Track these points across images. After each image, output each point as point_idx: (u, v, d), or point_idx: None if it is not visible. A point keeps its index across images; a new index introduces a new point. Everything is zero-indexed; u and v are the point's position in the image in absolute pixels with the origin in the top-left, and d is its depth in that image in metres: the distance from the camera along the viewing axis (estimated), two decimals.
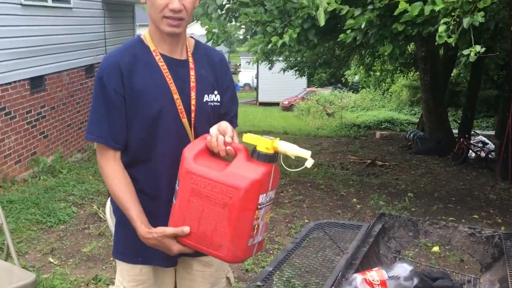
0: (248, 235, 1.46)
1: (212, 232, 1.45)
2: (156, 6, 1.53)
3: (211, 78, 1.70)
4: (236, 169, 1.43)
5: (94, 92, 1.60)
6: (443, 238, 2.10)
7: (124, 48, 1.64)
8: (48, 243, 4.27)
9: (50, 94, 7.16)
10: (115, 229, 1.76)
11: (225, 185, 1.42)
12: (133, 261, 1.69)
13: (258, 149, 1.45)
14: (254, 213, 1.44)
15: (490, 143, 11.60)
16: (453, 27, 3.83)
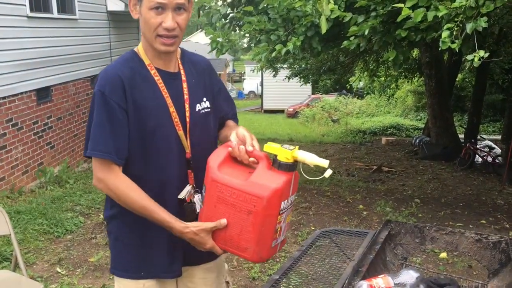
0: (271, 238, 1.55)
1: (239, 236, 1.54)
2: (150, 25, 1.52)
3: (201, 85, 1.72)
4: (258, 178, 1.50)
5: (96, 107, 1.54)
6: (450, 244, 2.09)
7: (121, 61, 1.61)
8: (56, 253, 4.29)
9: (56, 104, 7.22)
10: (112, 246, 1.72)
11: (249, 194, 1.49)
12: (136, 276, 1.67)
13: (278, 159, 1.52)
14: (277, 218, 1.53)
15: (496, 148, 11.55)
16: (456, 32, 3.84)
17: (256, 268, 4.04)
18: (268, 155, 1.55)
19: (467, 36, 3.88)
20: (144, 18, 1.52)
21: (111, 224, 1.70)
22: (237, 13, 6.21)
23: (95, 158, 1.57)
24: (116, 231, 1.68)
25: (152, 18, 1.51)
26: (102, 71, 1.59)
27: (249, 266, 4.11)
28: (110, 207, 1.69)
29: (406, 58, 5.40)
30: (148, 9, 1.50)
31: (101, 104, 1.53)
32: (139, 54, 1.63)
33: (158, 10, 1.50)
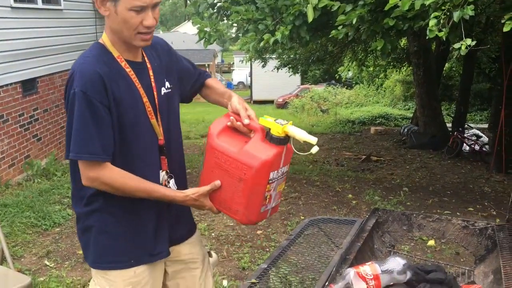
0: (260, 204, 1.68)
1: (230, 199, 1.68)
2: (130, 24, 1.52)
3: (163, 67, 1.74)
4: (251, 148, 1.62)
5: (77, 108, 1.50)
6: (437, 231, 2.11)
7: (93, 56, 1.57)
8: (44, 246, 4.25)
9: (42, 96, 7.14)
10: (94, 241, 1.68)
11: (241, 162, 1.61)
12: (126, 265, 1.67)
13: (271, 133, 1.62)
14: (265, 187, 1.65)
15: (484, 136, 11.64)
16: (443, 21, 3.84)
17: (246, 258, 4.05)
18: (263, 128, 1.66)
19: (454, 24, 3.88)
20: (122, 17, 1.51)
21: (92, 218, 1.66)
22: (224, 3, 6.16)
23: (82, 161, 1.55)
24: (101, 224, 1.65)
25: (132, 18, 1.51)
26: (77, 69, 1.53)
27: (238, 256, 4.12)
28: (88, 203, 1.66)
29: (394, 47, 5.39)
30: (127, 10, 1.49)
31: (84, 105, 1.50)
32: (107, 47, 1.60)
33: (138, 10, 1.50)
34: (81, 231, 1.72)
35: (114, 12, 1.51)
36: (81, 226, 1.71)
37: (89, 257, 1.71)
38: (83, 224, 1.70)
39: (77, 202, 1.69)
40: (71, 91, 1.52)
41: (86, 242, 1.70)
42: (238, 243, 4.42)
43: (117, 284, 1.68)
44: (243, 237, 4.58)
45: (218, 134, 1.69)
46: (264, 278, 1.83)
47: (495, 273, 1.80)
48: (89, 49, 1.62)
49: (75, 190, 1.69)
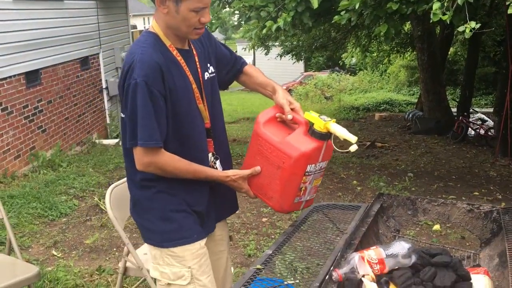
0: (294, 194, 1.77)
1: (267, 185, 1.78)
2: (191, 23, 1.61)
3: (206, 53, 1.82)
4: (293, 140, 1.71)
5: (140, 98, 1.57)
6: (442, 216, 2.10)
7: (149, 46, 1.64)
8: (51, 236, 4.29)
9: (46, 88, 7.14)
10: (160, 221, 1.76)
11: (281, 151, 1.70)
12: (192, 240, 1.76)
13: (314, 127, 1.71)
14: (302, 178, 1.73)
15: (489, 120, 11.59)
16: (447, 4, 3.81)
17: (252, 245, 4.07)
18: (307, 122, 1.74)
19: (458, 7, 3.85)
20: (183, 17, 1.59)
21: (154, 201, 1.74)
22: None
23: (140, 147, 1.62)
24: (164, 205, 1.75)
25: (193, 18, 1.60)
26: (137, 59, 1.59)
27: (244, 243, 4.14)
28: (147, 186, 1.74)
29: (398, 31, 5.35)
30: (190, 10, 1.58)
31: (146, 95, 1.58)
32: (159, 36, 1.67)
33: (199, 10, 1.59)
34: (142, 214, 1.79)
35: (175, 11, 1.59)
36: (141, 208, 1.79)
37: (154, 237, 1.78)
38: (143, 206, 1.78)
39: (135, 186, 1.79)
40: (131, 81, 1.58)
41: (148, 223, 1.79)
42: (243, 231, 4.44)
43: (186, 258, 1.76)
44: (249, 224, 4.60)
45: (265, 123, 1.79)
46: (270, 264, 1.84)
47: (501, 256, 1.80)
48: (143, 38, 1.68)
49: (132, 174, 1.77)
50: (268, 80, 1.96)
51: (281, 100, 1.81)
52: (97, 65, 9.13)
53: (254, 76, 1.98)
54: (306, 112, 1.75)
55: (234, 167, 1.98)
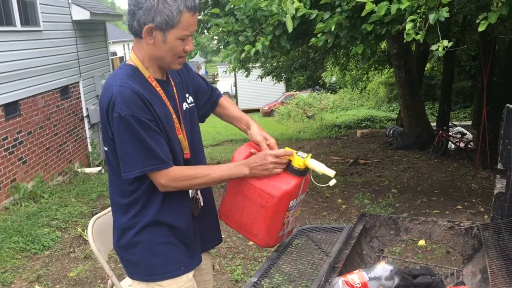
0: (279, 229, 1.82)
1: (251, 224, 1.80)
2: (177, 51, 1.61)
3: (183, 82, 1.82)
4: (273, 179, 1.73)
5: (128, 130, 1.56)
6: (424, 234, 2.13)
7: (127, 77, 1.61)
8: (34, 271, 4.21)
9: (26, 119, 7.08)
10: (146, 254, 1.73)
11: (263, 191, 1.72)
12: (180, 273, 1.75)
13: (292, 164, 1.73)
14: (285, 214, 1.78)
15: (468, 133, 11.78)
16: (420, 23, 3.89)
17: (239, 270, 4.04)
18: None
19: (430, 26, 3.94)
20: (170, 46, 1.59)
21: (140, 234, 1.71)
22: (204, 16, 6.19)
23: (152, 172, 1.62)
24: (151, 237, 1.71)
25: (179, 46, 1.61)
26: (116, 93, 1.57)
27: (231, 269, 4.11)
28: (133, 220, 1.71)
29: (374, 51, 5.46)
30: (177, 38, 1.59)
31: (134, 125, 1.56)
32: (138, 68, 1.66)
33: (184, 38, 1.60)
34: (127, 248, 1.75)
35: (162, 41, 1.59)
36: (127, 242, 1.74)
37: (139, 271, 1.75)
38: (129, 240, 1.73)
39: (121, 220, 1.75)
40: (114, 115, 1.56)
41: (134, 257, 1.75)
42: (230, 255, 4.41)
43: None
44: (235, 249, 4.57)
45: None
46: None
47: (483, 272, 1.82)
48: (120, 70, 1.66)
49: (119, 208, 1.75)
50: (242, 115, 1.97)
51: (257, 137, 1.81)
52: (77, 93, 9.10)
53: (228, 108, 1.99)
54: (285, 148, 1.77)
55: (215, 194, 1.98)
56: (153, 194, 1.69)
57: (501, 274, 1.63)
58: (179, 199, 1.74)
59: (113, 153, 1.66)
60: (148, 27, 1.55)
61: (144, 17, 1.54)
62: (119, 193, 1.72)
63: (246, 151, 1.83)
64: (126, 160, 1.60)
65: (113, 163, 1.68)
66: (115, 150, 1.64)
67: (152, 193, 1.69)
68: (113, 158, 1.67)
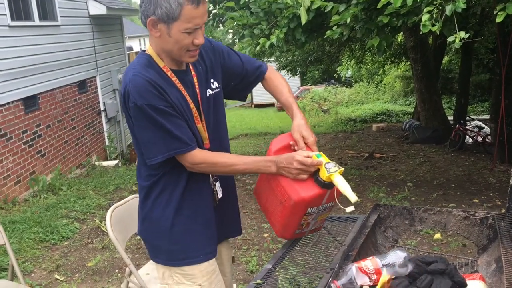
0: (295, 228, 1.80)
1: (272, 213, 1.83)
2: (183, 44, 1.58)
3: (207, 69, 1.77)
4: (297, 181, 1.67)
5: (145, 118, 1.57)
6: (438, 224, 2.13)
7: (141, 67, 1.61)
8: (53, 260, 4.29)
9: (44, 112, 7.20)
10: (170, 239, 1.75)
11: (284, 189, 1.70)
12: (200, 260, 1.76)
13: (318, 175, 1.65)
14: (302, 218, 1.75)
15: (486, 127, 11.63)
16: (436, 15, 3.86)
17: (254, 261, 4.08)
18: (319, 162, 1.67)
19: (447, 18, 3.91)
20: (175, 39, 1.56)
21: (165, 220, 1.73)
22: (219, 9, 6.21)
23: (178, 155, 1.63)
24: (180, 223, 1.73)
25: (185, 39, 1.57)
26: (130, 83, 1.57)
27: (246, 260, 4.15)
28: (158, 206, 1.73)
29: (390, 44, 5.40)
30: (181, 32, 1.55)
31: (151, 114, 1.56)
32: (153, 58, 1.66)
33: (191, 32, 1.56)
34: (150, 231, 1.78)
35: (167, 34, 1.56)
36: (150, 226, 1.77)
37: (161, 255, 1.78)
38: (153, 224, 1.76)
39: (143, 203, 1.77)
40: (130, 105, 1.58)
41: (156, 241, 1.77)
42: (245, 247, 4.44)
43: (196, 276, 1.76)
44: (250, 240, 4.61)
45: (276, 151, 1.76)
46: (270, 278, 1.85)
47: (497, 262, 1.82)
48: (136, 60, 1.67)
49: (141, 190, 1.77)
50: (288, 101, 1.90)
51: (294, 134, 1.76)
52: (95, 87, 9.21)
53: (272, 90, 1.94)
54: (314, 155, 1.68)
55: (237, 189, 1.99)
56: (175, 181, 1.71)
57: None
58: (201, 187, 1.76)
59: (136, 139, 1.70)
60: (151, 20, 1.54)
61: (146, 9, 1.54)
62: (141, 176, 1.76)
63: (284, 141, 1.78)
64: (148, 147, 1.62)
65: (137, 148, 1.72)
66: (133, 135, 1.68)
67: (174, 180, 1.71)
68: (136, 143, 1.71)
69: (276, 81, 1.93)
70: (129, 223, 2.61)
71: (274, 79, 1.94)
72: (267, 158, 1.72)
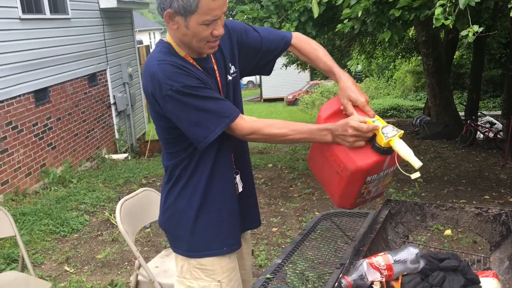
0: (355, 197, 1.65)
1: (328, 182, 1.70)
2: (202, 37, 1.53)
3: (225, 54, 1.72)
4: (353, 149, 1.54)
5: (185, 103, 1.52)
6: (450, 220, 2.10)
7: (164, 54, 1.57)
8: (63, 252, 4.32)
9: (55, 105, 7.23)
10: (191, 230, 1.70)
11: (340, 160, 1.56)
12: (222, 252, 1.71)
13: (376, 141, 1.52)
14: (361, 187, 1.60)
15: (498, 123, 11.52)
16: (449, 8, 3.81)
17: (262, 255, 4.07)
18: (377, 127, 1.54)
19: (460, 12, 3.85)
20: (193, 31, 1.51)
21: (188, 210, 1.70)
22: (230, 3, 6.18)
23: (228, 127, 1.58)
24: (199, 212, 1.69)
25: (204, 31, 1.51)
26: (158, 72, 1.52)
27: (255, 254, 4.14)
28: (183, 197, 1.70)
29: (401, 37, 5.36)
30: (199, 24, 1.50)
31: (190, 93, 1.51)
32: (173, 47, 1.61)
33: (209, 23, 1.51)
34: (172, 220, 1.74)
35: (185, 26, 1.51)
36: (172, 215, 1.73)
37: (181, 245, 1.73)
38: (175, 213, 1.72)
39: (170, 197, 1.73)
40: (165, 94, 1.51)
41: (178, 231, 1.73)
42: (254, 241, 4.44)
43: (216, 272, 1.70)
44: (259, 234, 4.61)
45: (326, 118, 1.63)
46: (281, 273, 1.85)
47: (510, 259, 1.79)
48: (157, 48, 1.62)
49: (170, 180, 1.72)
50: (328, 66, 1.76)
51: (342, 100, 1.64)
52: (105, 81, 9.24)
53: (309, 60, 1.83)
54: (369, 119, 1.55)
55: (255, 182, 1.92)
56: (200, 172, 1.67)
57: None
58: (225, 179, 1.71)
59: (161, 129, 1.66)
60: (168, 13, 1.50)
61: (163, 2, 1.50)
62: (169, 162, 1.71)
63: (334, 106, 1.65)
64: (194, 131, 1.56)
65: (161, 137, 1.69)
66: (162, 126, 1.63)
67: (199, 171, 1.67)
68: (161, 133, 1.67)
69: (307, 48, 1.82)
70: (139, 216, 2.62)
71: (304, 47, 1.83)
72: (322, 126, 1.60)
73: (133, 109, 10.56)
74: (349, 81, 1.66)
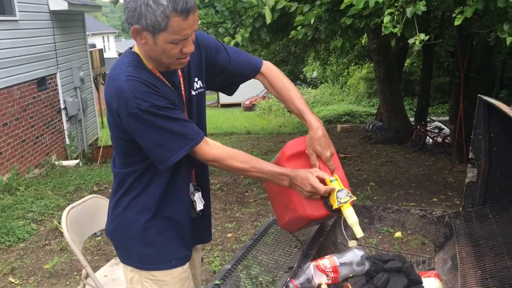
0: (298, 229, 1.85)
1: (277, 209, 1.82)
2: (171, 54, 1.47)
3: (191, 68, 1.67)
4: None
5: (151, 122, 1.47)
6: (397, 222, 2.15)
7: (134, 68, 1.51)
8: (8, 263, 4.14)
9: (1, 110, 6.95)
10: (142, 242, 1.66)
11: (292, 200, 1.64)
12: (173, 265, 1.70)
13: (329, 199, 1.59)
14: (306, 226, 1.81)
15: (446, 128, 11.96)
16: (397, 17, 3.93)
17: (217, 261, 4.05)
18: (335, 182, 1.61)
19: (408, 20, 3.98)
20: (161, 49, 1.46)
21: (138, 222, 1.66)
22: None
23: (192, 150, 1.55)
24: (160, 226, 1.67)
25: (173, 49, 1.46)
26: (126, 88, 1.46)
27: (209, 260, 4.11)
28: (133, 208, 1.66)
29: (353, 45, 5.48)
30: (168, 42, 1.44)
31: (157, 113, 1.47)
32: (142, 59, 1.55)
33: (178, 42, 1.45)
34: (121, 232, 1.70)
35: (153, 43, 1.45)
36: (121, 227, 1.69)
37: (132, 257, 1.70)
38: (123, 225, 1.68)
39: (118, 206, 1.69)
40: (131, 111, 1.46)
41: (127, 243, 1.69)
42: (208, 247, 4.41)
43: (168, 283, 1.69)
44: (213, 240, 4.57)
45: (289, 157, 1.66)
46: (232, 279, 1.83)
47: (453, 259, 1.86)
48: (126, 59, 1.54)
49: (117, 191, 1.69)
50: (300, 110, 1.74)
51: (307, 149, 1.66)
52: (55, 85, 8.96)
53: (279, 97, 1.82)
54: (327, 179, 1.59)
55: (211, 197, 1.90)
56: (153, 185, 1.63)
57: (470, 259, 1.66)
58: (180, 195, 1.68)
59: (118, 140, 1.61)
60: (135, 28, 1.43)
61: (130, 17, 1.42)
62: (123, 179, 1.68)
63: (300, 146, 1.69)
64: (158, 150, 1.52)
65: (117, 146, 1.65)
66: (120, 138, 1.58)
67: (153, 184, 1.63)
68: (118, 143, 1.62)
69: (278, 85, 1.80)
70: (87, 224, 2.55)
71: (276, 82, 1.81)
72: (283, 170, 1.61)
73: (85, 114, 10.28)
74: (319, 131, 1.66)
